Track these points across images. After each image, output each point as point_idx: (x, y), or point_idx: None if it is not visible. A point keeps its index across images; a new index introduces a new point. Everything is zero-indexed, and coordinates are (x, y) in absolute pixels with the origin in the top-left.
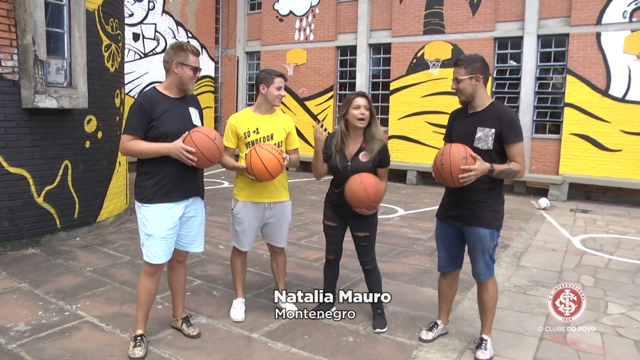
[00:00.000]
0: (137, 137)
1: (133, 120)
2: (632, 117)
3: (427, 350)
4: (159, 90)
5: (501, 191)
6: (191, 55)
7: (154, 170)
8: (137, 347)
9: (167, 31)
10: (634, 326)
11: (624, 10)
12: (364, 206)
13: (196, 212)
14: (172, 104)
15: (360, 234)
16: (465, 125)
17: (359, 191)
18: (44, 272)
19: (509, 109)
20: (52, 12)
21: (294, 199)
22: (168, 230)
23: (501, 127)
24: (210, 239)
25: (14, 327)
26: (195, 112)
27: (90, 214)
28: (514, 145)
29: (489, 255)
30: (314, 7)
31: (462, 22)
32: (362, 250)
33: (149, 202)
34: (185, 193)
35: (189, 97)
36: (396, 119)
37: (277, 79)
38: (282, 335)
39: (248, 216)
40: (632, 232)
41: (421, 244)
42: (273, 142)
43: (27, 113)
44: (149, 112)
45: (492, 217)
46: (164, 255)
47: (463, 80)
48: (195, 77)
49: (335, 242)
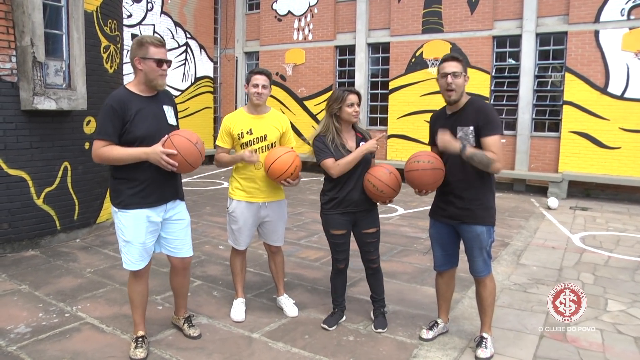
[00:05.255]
0: (111, 143)
1: (105, 124)
2: (630, 114)
3: (427, 349)
4: (129, 90)
5: (492, 186)
6: (152, 48)
7: (130, 175)
8: (138, 348)
9: (166, 32)
10: (634, 323)
11: (621, 8)
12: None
13: (180, 215)
14: (144, 104)
15: (371, 230)
16: (447, 127)
17: (393, 182)
18: (44, 273)
19: (485, 103)
20: (51, 14)
21: (294, 199)
22: (147, 235)
23: (477, 122)
24: (210, 239)
25: (14, 329)
26: (170, 110)
27: (90, 215)
28: (488, 138)
29: (486, 252)
30: (313, 6)
31: (460, 20)
32: (372, 247)
33: (125, 208)
34: (163, 197)
35: (162, 94)
36: (395, 118)
37: (253, 76)
38: (283, 335)
39: (243, 214)
40: (632, 229)
41: (421, 242)
42: (266, 143)
43: (26, 115)
44: (121, 114)
45: (487, 213)
46: (143, 260)
47: (462, 75)
48: (161, 70)
49: (346, 250)
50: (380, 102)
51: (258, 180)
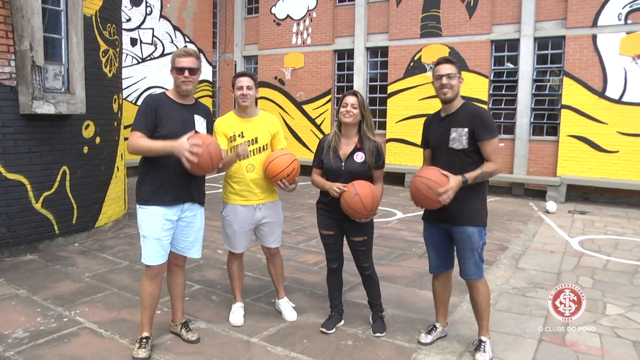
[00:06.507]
0: (144, 135)
1: (141, 118)
2: (628, 118)
3: (426, 354)
4: (167, 95)
5: (483, 188)
6: (177, 58)
7: (150, 172)
8: (141, 348)
9: (165, 36)
10: (632, 327)
11: (619, 13)
12: (362, 217)
13: (194, 219)
14: (176, 109)
15: (358, 238)
16: (441, 129)
17: (355, 203)
18: (42, 278)
19: (480, 108)
20: (50, 18)
21: (292, 203)
22: (162, 232)
23: (473, 125)
24: (209, 243)
25: (12, 334)
26: (202, 121)
27: (89, 219)
28: (488, 142)
29: (478, 254)
30: (311, 11)
31: (458, 25)
32: (361, 255)
33: (143, 204)
34: (179, 197)
35: (199, 105)
36: (394, 122)
37: (237, 79)
38: (282, 339)
39: (237, 218)
40: (630, 233)
41: (419, 247)
42: (258, 146)
43: (24, 119)
44: (154, 111)
45: (477, 214)
46: (159, 257)
47: (456, 76)
48: (185, 77)
49: (336, 250)
50: (379, 106)
51: (250, 182)
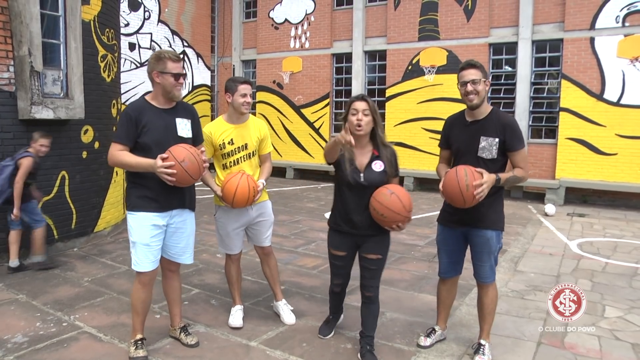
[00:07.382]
0: (126, 147)
1: (122, 130)
2: (626, 120)
3: (425, 357)
4: (147, 101)
5: (502, 193)
6: (169, 62)
7: (138, 179)
8: (138, 349)
9: (163, 40)
10: (631, 329)
11: (616, 15)
12: (402, 219)
13: (183, 224)
14: (157, 115)
15: (372, 256)
16: (467, 135)
17: (394, 204)
18: (41, 283)
19: (510, 116)
20: (48, 24)
21: (291, 207)
22: (151, 239)
23: (505, 135)
24: (207, 247)
25: (12, 339)
26: (185, 123)
27: (88, 224)
28: (518, 152)
29: (494, 258)
30: (309, 14)
31: (456, 28)
32: (370, 274)
33: (132, 210)
34: (168, 204)
35: (181, 106)
36: (392, 126)
37: (241, 86)
38: (281, 343)
39: (230, 219)
40: (629, 236)
41: (419, 250)
42: (247, 152)
43: (23, 124)
44: (135, 121)
45: (497, 218)
46: (149, 263)
47: (481, 81)
48: (178, 83)
49: (344, 274)
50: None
51: None
